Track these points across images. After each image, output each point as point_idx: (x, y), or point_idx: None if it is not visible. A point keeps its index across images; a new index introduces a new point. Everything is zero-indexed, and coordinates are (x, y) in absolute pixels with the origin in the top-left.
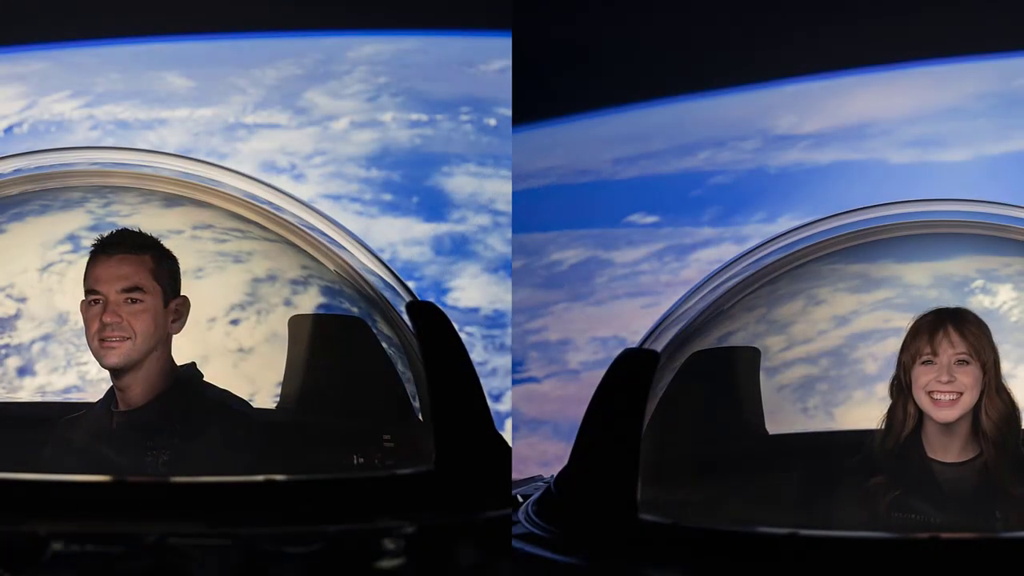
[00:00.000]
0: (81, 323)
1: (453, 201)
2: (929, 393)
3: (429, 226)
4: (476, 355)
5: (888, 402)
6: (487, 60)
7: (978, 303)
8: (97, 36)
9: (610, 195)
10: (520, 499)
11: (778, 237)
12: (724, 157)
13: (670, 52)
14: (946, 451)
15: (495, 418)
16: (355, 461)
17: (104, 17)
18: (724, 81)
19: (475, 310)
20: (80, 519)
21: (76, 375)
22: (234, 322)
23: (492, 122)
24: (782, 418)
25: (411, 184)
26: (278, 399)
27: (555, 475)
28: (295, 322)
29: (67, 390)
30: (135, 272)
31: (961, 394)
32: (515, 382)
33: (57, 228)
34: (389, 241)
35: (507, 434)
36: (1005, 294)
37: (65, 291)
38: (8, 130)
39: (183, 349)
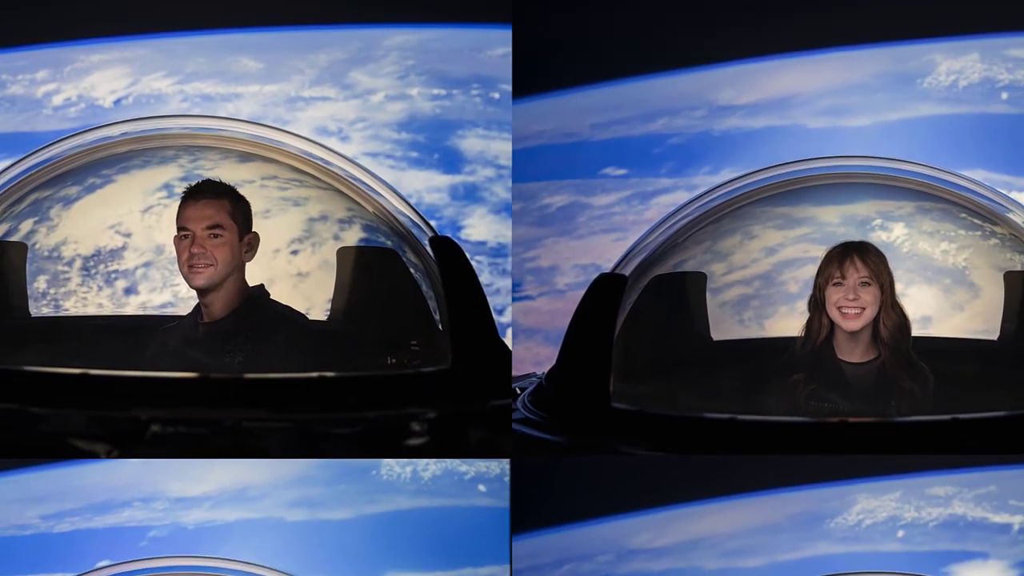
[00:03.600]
0: (174, 253)
1: (466, 157)
2: (839, 308)
3: (447, 177)
4: (484, 278)
5: (807, 315)
6: (492, 47)
7: (877, 237)
8: (186, 28)
9: (588, 153)
10: (518, 391)
11: (721, 186)
12: (678, 123)
13: (635, 41)
14: (852, 353)
15: (499, 327)
16: (389, 361)
17: (192, 13)
18: (678, 63)
19: (483, 243)
20: (173, 406)
21: (170, 294)
22: (294, 252)
23: (496, 96)
24: (723, 328)
25: (433, 144)
26: (328, 313)
27: (546, 372)
28: (342, 253)
29: (163, 306)
30: (216, 213)
31: (864, 309)
32: (514, 299)
33: (155, 178)
34: (415, 189)
35: (508, 340)
36: (898, 230)
37: (162, 228)
38: (117, 102)
39: (254, 273)
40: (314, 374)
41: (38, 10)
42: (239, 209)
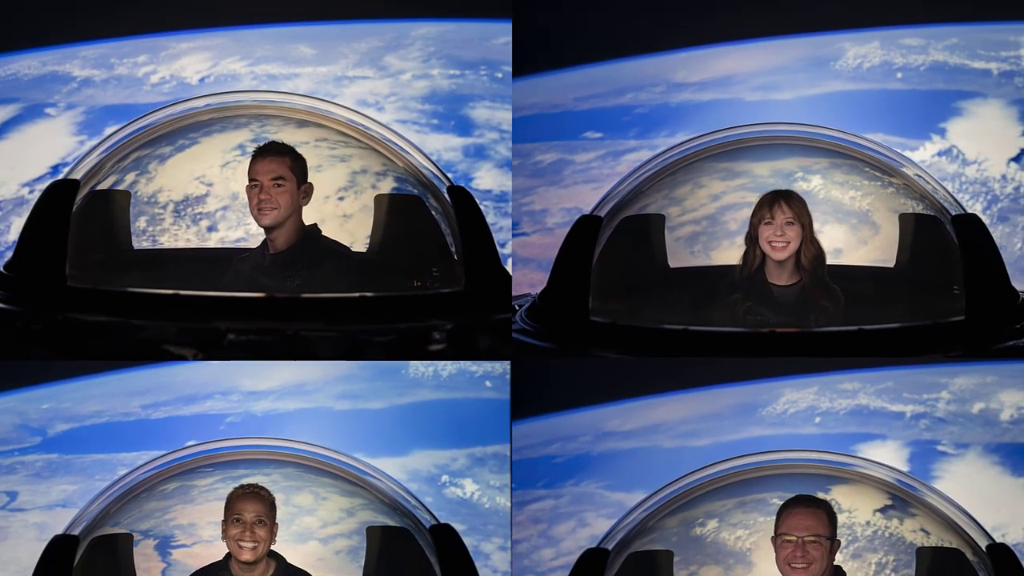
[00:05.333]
0: (246, 199)
1: (475, 124)
2: (769, 242)
3: (461, 139)
4: (489, 219)
5: (744, 248)
6: (496, 37)
7: (799, 187)
8: (256, 22)
9: (572, 120)
10: (517, 308)
11: (676, 146)
12: (642, 97)
13: (609, 32)
14: (779, 278)
15: (501, 257)
16: (415, 284)
17: (260, 10)
18: (643, 50)
19: (489, 191)
20: (246, 319)
21: (243, 231)
22: (340, 198)
23: (499, 75)
24: (678, 257)
25: (450, 114)
26: (368, 246)
27: (539, 293)
28: (378, 199)
29: (237, 240)
30: (279, 167)
31: (789, 243)
32: (514, 235)
33: (231, 140)
34: (436, 148)
35: (509, 267)
36: (816, 181)
37: (236, 179)
38: (201, 80)
39: (309, 215)
40: (356, 294)
41: (140, 9)
42: (297, 164)
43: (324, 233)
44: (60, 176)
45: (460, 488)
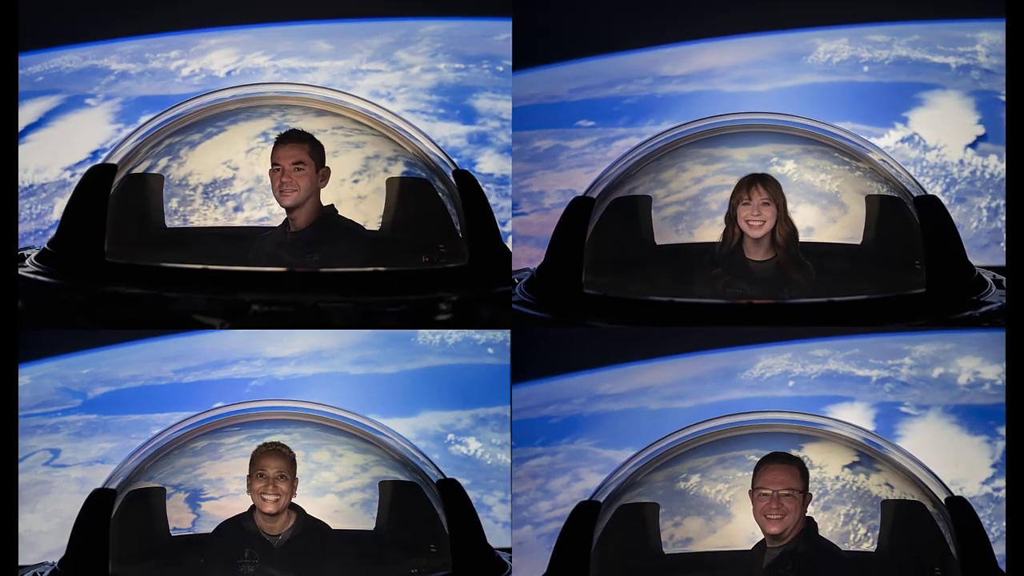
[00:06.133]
0: (269, 182)
1: (478, 113)
2: (746, 221)
3: (465, 127)
4: (491, 200)
5: (723, 227)
6: (497, 34)
7: (774, 171)
8: (278, 20)
9: (567, 109)
10: (516, 281)
11: (662, 133)
12: (631, 88)
13: (601, 29)
14: (756, 254)
15: (502, 235)
16: (423, 260)
17: (282, 9)
18: (631, 45)
19: (491, 175)
20: (268, 292)
21: (266, 211)
22: (355, 181)
23: (500, 69)
24: (664, 235)
25: (455, 103)
26: (380, 225)
27: (537, 267)
28: (389, 182)
29: (261, 220)
30: (299, 153)
31: (765, 222)
32: (513, 215)
33: (255, 128)
34: (442, 135)
35: (509, 244)
36: (789, 166)
37: (260, 163)
38: (228, 73)
39: (327, 196)
40: (370, 268)
41: (173, 8)
42: (316, 150)
43: (340, 213)
44: (99, 161)
45: (464, 446)
